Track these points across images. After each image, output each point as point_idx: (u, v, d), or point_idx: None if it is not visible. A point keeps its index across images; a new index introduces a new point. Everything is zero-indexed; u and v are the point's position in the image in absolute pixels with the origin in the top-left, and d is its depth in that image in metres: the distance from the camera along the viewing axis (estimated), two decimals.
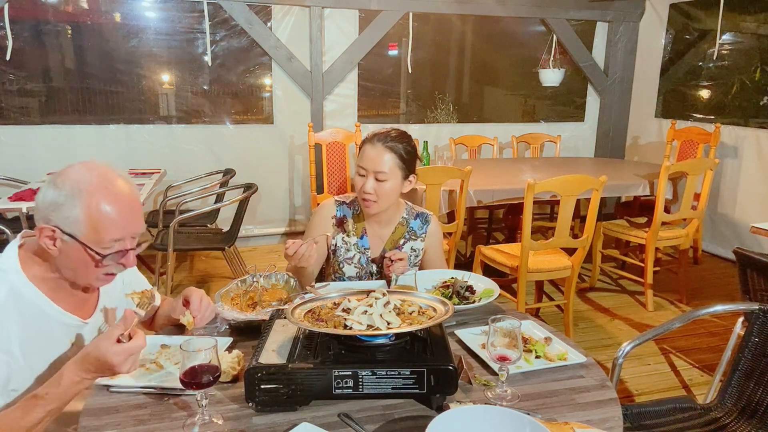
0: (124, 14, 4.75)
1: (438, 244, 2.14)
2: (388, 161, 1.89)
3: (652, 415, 1.83)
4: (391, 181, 1.90)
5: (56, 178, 1.31)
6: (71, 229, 1.29)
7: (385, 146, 1.90)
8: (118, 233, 1.32)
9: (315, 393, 1.27)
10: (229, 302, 1.72)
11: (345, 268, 2.05)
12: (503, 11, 5.33)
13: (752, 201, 4.71)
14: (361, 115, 5.30)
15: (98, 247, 1.31)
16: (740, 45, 4.97)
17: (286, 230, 5.31)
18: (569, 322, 3.38)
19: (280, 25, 4.88)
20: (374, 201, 1.92)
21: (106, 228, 1.30)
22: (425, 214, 2.11)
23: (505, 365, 1.33)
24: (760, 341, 1.83)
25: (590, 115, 5.98)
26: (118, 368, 1.23)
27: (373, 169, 1.89)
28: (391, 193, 1.93)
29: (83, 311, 1.46)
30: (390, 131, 1.95)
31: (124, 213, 1.32)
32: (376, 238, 2.06)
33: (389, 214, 2.04)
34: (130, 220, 1.34)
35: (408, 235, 2.08)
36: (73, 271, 1.35)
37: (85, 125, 4.67)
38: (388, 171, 1.89)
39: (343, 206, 2.06)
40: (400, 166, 1.92)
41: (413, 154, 1.97)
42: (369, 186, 1.90)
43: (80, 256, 1.31)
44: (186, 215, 3.77)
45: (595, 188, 3.15)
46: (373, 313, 1.34)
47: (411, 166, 1.96)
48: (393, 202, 1.99)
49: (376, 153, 1.90)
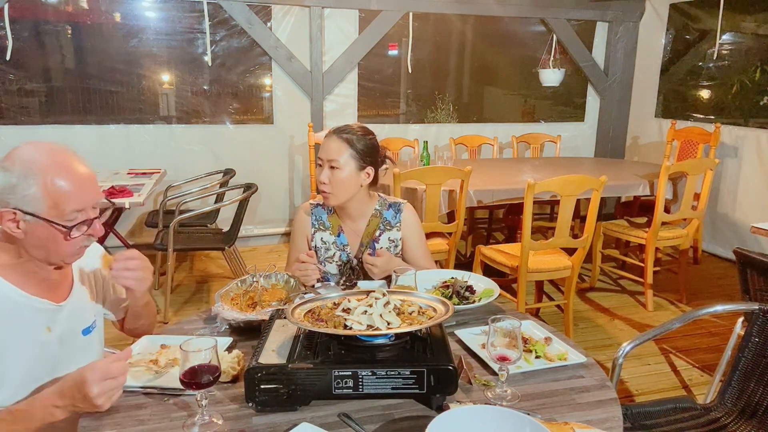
0: (124, 14, 4.75)
1: (415, 231, 2.14)
2: (340, 150, 1.95)
3: (652, 415, 1.82)
4: (344, 170, 1.95)
5: (3, 161, 1.30)
6: (32, 208, 1.28)
7: (339, 137, 1.97)
8: (78, 204, 1.32)
9: (315, 393, 1.27)
10: (229, 302, 1.72)
11: (327, 266, 2.10)
12: (503, 11, 5.33)
13: (752, 201, 4.71)
14: (361, 115, 5.30)
15: (62, 221, 1.31)
16: (740, 45, 4.97)
17: (286, 230, 5.31)
18: (569, 322, 3.38)
19: (280, 25, 4.88)
20: (329, 192, 1.97)
21: (66, 200, 1.30)
22: (398, 203, 2.14)
23: (505, 365, 1.33)
24: (760, 341, 1.83)
25: (590, 115, 5.98)
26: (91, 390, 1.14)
27: (326, 158, 1.96)
28: (345, 182, 1.96)
29: (56, 295, 1.44)
30: (347, 125, 2.02)
31: (79, 184, 1.32)
32: (352, 234, 2.10)
33: (360, 207, 2.07)
34: (87, 190, 1.34)
35: (383, 226, 2.10)
36: (45, 250, 1.34)
37: (85, 125, 4.67)
38: (340, 160, 1.94)
39: (317, 208, 2.13)
40: (353, 156, 1.96)
41: (371, 148, 2.00)
42: (323, 176, 1.96)
43: (47, 233, 1.31)
44: (186, 215, 3.77)
45: (595, 188, 3.15)
46: (373, 313, 1.34)
47: (367, 158, 1.99)
48: (350, 193, 2.00)
49: (330, 143, 1.97)
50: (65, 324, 1.45)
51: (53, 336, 1.41)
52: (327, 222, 2.11)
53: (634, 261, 4.24)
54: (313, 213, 2.12)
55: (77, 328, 1.50)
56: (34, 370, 1.37)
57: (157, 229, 4.04)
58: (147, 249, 4.60)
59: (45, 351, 1.40)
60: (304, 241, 2.12)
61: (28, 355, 1.36)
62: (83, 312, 1.53)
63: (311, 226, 2.11)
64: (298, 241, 2.13)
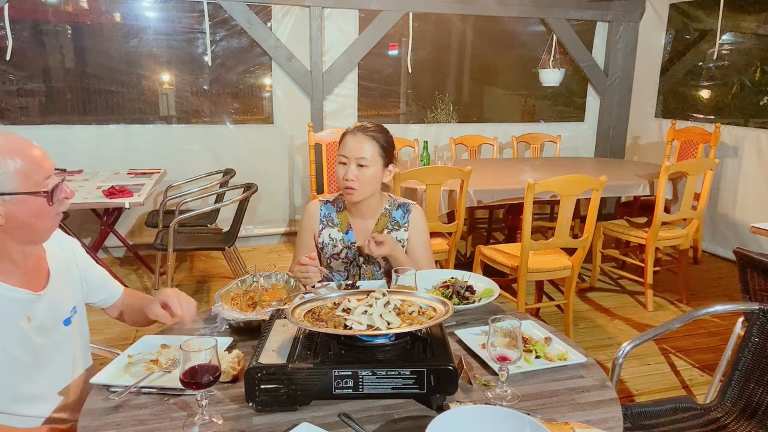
0: (124, 14, 4.75)
1: (422, 233, 2.16)
2: (369, 149, 1.98)
3: (652, 415, 1.82)
4: (372, 167, 1.98)
5: None
6: (7, 188, 1.31)
7: (366, 135, 2.00)
8: (45, 172, 1.37)
9: (315, 393, 1.27)
10: (229, 302, 1.72)
11: (333, 263, 2.11)
12: (503, 11, 5.33)
13: (752, 201, 4.71)
14: (361, 115, 5.30)
15: (41, 188, 1.35)
16: (740, 45, 4.97)
17: (286, 230, 5.31)
18: (569, 322, 3.38)
19: (280, 25, 4.88)
20: (356, 188, 1.98)
21: (35, 171, 1.34)
22: (407, 204, 2.15)
23: (505, 365, 1.33)
24: (760, 341, 1.83)
25: (590, 115, 5.98)
26: None
27: (354, 156, 1.97)
28: (372, 179, 2.00)
29: (34, 285, 1.45)
30: (369, 124, 2.05)
31: (38, 155, 1.37)
32: (360, 232, 2.11)
33: (372, 206, 2.09)
34: (44, 160, 1.38)
35: (391, 225, 2.11)
36: (29, 228, 1.37)
37: (85, 125, 4.67)
38: (369, 158, 1.97)
39: (327, 205, 2.14)
40: (380, 154, 2.00)
41: (392, 145, 2.06)
42: (351, 173, 1.97)
43: (31, 205, 1.34)
44: (186, 215, 3.77)
45: (595, 188, 3.15)
46: (373, 313, 1.34)
47: (390, 156, 2.05)
48: (374, 190, 2.04)
49: (357, 141, 1.99)
50: (44, 314, 1.46)
51: (33, 325, 1.43)
52: (336, 219, 2.12)
53: (634, 261, 4.24)
54: (322, 209, 2.13)
55: (58, 318, 1.51)
56: (16, 359, 1.39)
57: (157, 229, 4.04)
58: (147, 249, 4.64)
59: (26, 341, 1.41)
60: (310, 238, 2.13)
61: (9, 345, 1.37)
62: (62, 302, 1.54)
63: (319, 222, 2.12)
64: (305, 238, 2.14)
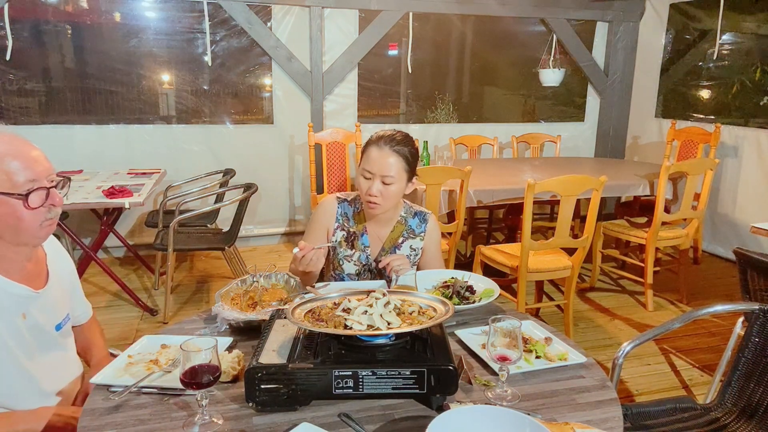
0: (124, 14, 4.75)
1: (436, 243, 2.15)
2: (395, 165, 1.90)
3: (652, 415, 1.82)
4: (397, 184, 1.93)
5: None
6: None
7: (392, 150, 1.91)
8: (30, 174, 1.34)
9: (315, 393, 1.27)
10: (229, 302, 1.72)
11: (345, 265, 2.06)
12: (503, 11, 5.33)
13: (752, 201, 4.71)
14: (361, 115, 5.30)
15: (18, 190, 1.33)
16: (740, 45, 4.97)
17: (286, 230, 5.31)
18: (569, 322, 3.38)
19: (280, 25, 4.87)
20: (379, 203, 1.93)
21: (16, 172, 1.32)
22: (423, 213, 2.12)
23: (505, 365, 1.33)
24: (760, 341, 1.83)
25: (590, 115, 5.98)
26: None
27: (380, 173, 1.90)
28: (396, 195, 1.95)
29: (34, 283, 1.46)
30: (395, 134, 1.95)
31: (29, 157, 1.35)
32: (375, 237, 2.08)
33: (389, 213, 2.05)
34: (35, 161, 1.36)
35: (406, 233, 2.09)
36: (12, 228, 1.36)
37: (85, 125, 4.66)
38: (395, 175, 1.91)
39: (344, 203, 2.08)
40: (405, 169, 1.94)
41: (416, 156, 1.99)
42: (375, 189, 1.91)
43: (6, 208, 1.33)
44: (186, 215, 3.77)
45: (595, 188, 3.15)
46: (373, 313, 1.34)
47: (414, 168, 1.99)
48: (396, 203, 2.02)
49: (382, 157, 1.90)
50: (39, 315, 1.47)
51: (27, 324, 1.43)
52: (352, 220, 2.07)
53: (634, 261, 4.23)
54: (340, 207, 2.07)
55: (51, 322, 1.52)
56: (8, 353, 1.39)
57: (157, 229, 4.04)
58: (147, 249, 4.64)
59: (19, 337, 1.41)
60: (323, 232, 2.06)
61: (4, 334, 1.38)
62: (57, 307, 1.55)
63: (335, 220, 2.06)
64: (317, 231, 2.06)
